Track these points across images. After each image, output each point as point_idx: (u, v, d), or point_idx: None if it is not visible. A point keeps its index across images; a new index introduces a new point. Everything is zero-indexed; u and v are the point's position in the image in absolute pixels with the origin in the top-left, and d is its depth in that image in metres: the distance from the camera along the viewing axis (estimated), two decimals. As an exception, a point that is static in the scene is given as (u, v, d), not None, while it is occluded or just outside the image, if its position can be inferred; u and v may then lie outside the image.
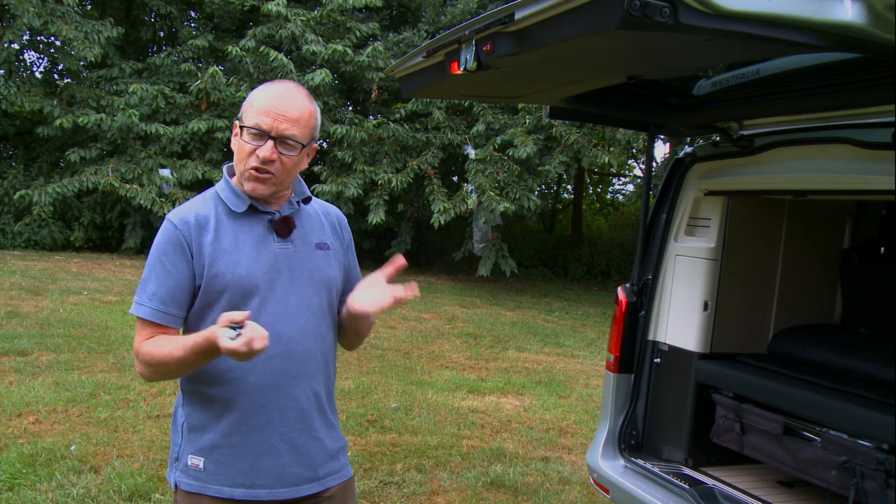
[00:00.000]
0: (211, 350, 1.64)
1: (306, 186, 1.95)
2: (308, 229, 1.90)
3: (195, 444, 1.82)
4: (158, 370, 1.78)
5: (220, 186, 1.87)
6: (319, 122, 1.87)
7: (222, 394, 1.79)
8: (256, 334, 1.57)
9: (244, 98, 1.86)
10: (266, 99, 1.77)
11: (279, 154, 1.75)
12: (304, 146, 1.79)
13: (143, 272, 1.81)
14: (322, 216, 1.97)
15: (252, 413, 1.79)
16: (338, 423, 1.99)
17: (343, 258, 1.97)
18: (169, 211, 11.24)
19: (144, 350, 1.76)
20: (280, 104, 1.75)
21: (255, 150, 1.74)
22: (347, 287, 2.00)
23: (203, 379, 1.80)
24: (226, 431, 1.79)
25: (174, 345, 1.72)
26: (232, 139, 1.85)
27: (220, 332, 1.59)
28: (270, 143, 1.74)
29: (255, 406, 1.79)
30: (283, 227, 1.83)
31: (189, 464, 1.82)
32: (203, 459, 1.81)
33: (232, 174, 1.88)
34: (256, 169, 1.75)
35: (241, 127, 1.77)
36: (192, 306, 1.80)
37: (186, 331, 1.84)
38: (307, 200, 1.93)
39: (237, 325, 1.57)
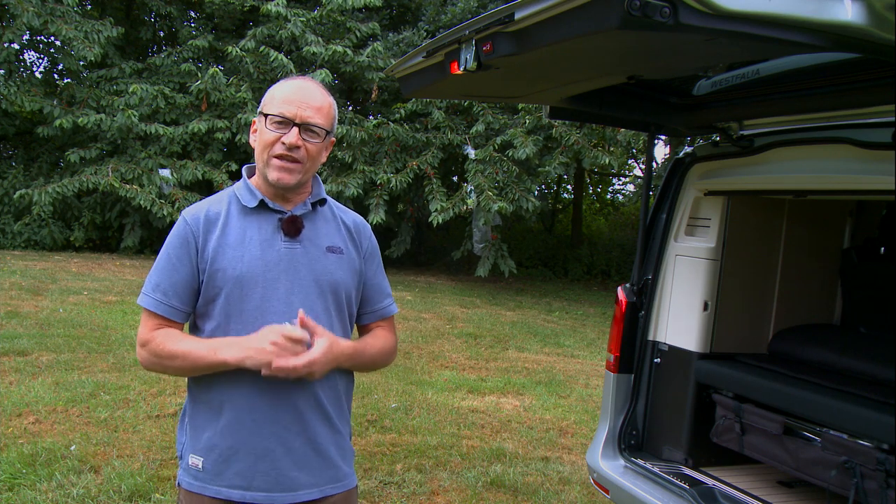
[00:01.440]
0: (230, 366, 1.74)
1: (323, 188, 1.95)
2: (321, 232, 1.88)
3: (196, 443, 1.83)
4: (163, 362, 1.80)
5: (236, 185, 1.89)
6: (337, 116, 1.91)
7: (221, 394, 1.79)
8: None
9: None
10: (288, 90, 1.82)
11: (304, 141, 1.78)
12: (327, 133, 1.84)
13: (154, 264, 1.85)
14: (340, 221, 1.95)
15: (249, 415, 1.78)
16: (348, 432, 1.97)
17: (358, 265, 1.94)
18: (169, 211, 11.19)
19: (158, 341, 1.78)
20: (302, 94, 1.80)
21: (280, 137, 1.78)
22: (368, 297, 1.99)
23: (204, 379, 1.81)
24: (224, 432, 1.79)
25: (188, 348, 1.76)
26: (251, 136, 1.88)
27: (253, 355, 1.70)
28: (295, 129, 1.77)
29: (252, 408, 1.78)
30: (292, 227, 1.82)
31: (190, 462, 1.83)
32: (202, 459, 1.81)
33: (251, 175, 1.90)
34: (281, 157, 1.78)
35: (265, 115, 1.79)
36: (198, 302, 1.82)
37: (192, 326, 1.87)
38: (322, 202, 1.92)
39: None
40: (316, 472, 1.85)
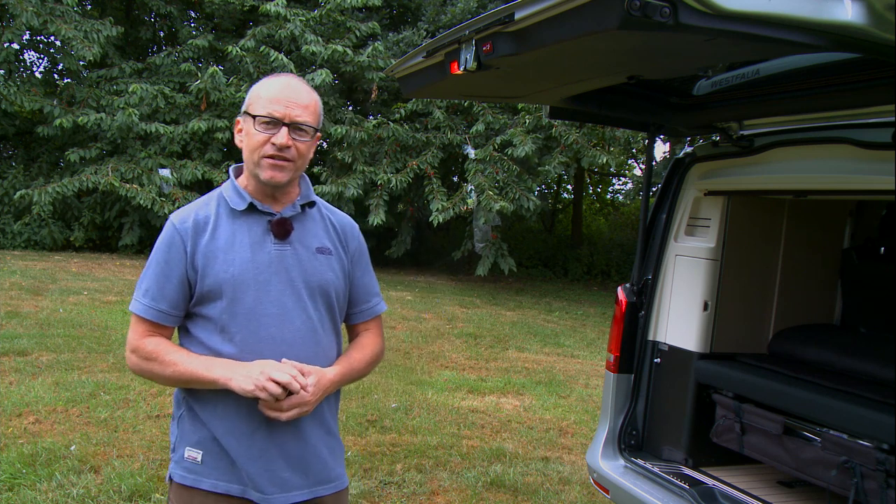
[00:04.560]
0: (218, 385, 1.75)
1: (311, 189, 1.96)
2: (310, 233, 1.89)
3: (193, 436, 1.82)
4: (153, 369, 1.80)
5: (224, 187, 1.89)
6: (322, 112, 1.91)
7: (217, 395, 1.79)
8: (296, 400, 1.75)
9: (244, 98, 1.89)
10: (275, 88, 1.81)
11: (293, 140, 1.79)
12: (316, 130, 1.85)
13: (143, 271, 1.86)
14: (328, 222, 1.96)
15: (243, 417, 1.79)
16: (338, 430, 1.98)
17: (346, 265, 1.95)
18: (169, 209, 11.26)
19: (150, 348, 1.79)
20: (290, 92, 1.80)
21: (270, 138, 1.77)
22: (355, 297, 2.00)
23: None
24: (220, 431, 1.80)
25: (181, 360, 1.77)
26: (236, 135, 1.88)
27: (242, 382, 1.72)
28: (285, 129, 1.78)
29: (246, 410, 1.78)
30: (281, 229, 1.83)
31: (186, 455, 1.82)
32: (202, 452, 1.81)
33: (238, 175, 1.90)
34: (272, 157, 1.78)
35: (254, 116, 1.79)
36: (190, 305, 1.82)
37: (182, 330, 1.86)
38: (311, 205, 1.92)
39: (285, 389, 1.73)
40: (309, 474, 1.86)
